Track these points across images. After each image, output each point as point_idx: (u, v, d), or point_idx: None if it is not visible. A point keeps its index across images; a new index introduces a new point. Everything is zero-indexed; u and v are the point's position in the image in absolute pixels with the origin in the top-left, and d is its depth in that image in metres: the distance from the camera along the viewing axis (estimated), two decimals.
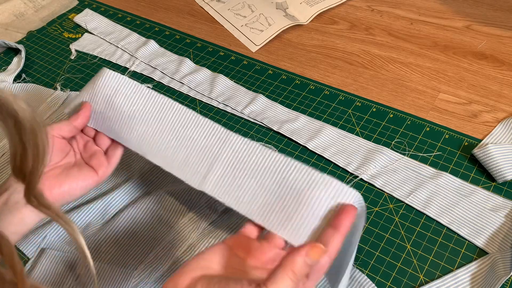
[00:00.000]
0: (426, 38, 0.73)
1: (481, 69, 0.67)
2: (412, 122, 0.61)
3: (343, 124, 0.62)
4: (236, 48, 0.78)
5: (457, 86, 0.65)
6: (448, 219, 0.50)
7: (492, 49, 0.69)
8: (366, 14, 0.80)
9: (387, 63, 0.70)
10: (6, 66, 0.80)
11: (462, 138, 0.58)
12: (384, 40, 0.74)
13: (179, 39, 0.81)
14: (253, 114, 0.65)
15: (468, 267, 0.47)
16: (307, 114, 0.64)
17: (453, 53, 0.70)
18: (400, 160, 0.56)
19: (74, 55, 0.80)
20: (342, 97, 0.66)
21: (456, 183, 0.53)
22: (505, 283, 0.44)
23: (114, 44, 0.80)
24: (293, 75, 0.70)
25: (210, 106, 0.68)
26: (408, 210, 0.52)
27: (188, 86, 0.71)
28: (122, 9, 0.90)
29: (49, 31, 0.87)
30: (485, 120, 0.60)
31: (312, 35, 0.78)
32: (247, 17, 0.82)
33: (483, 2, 0.78)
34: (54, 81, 0.76)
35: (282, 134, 0.62)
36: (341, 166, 0.57)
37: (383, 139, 0.60)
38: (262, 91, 0.68)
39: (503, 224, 0.49)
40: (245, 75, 0.72)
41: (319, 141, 0.60)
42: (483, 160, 0.54)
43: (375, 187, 0.54)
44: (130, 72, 0.75)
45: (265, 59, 0.74)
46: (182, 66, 0.74)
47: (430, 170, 0.55)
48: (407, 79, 0.67)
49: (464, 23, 0.75)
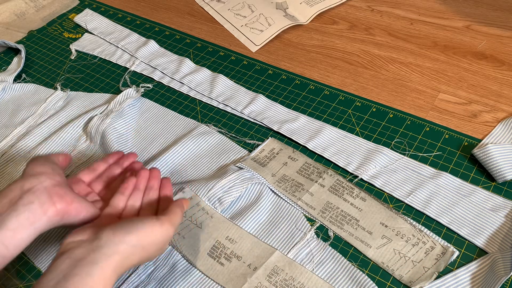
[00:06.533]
0: (426, 38, 0.73)
1: (481, 69, 0.67)
2: (412, 122, 0.61)
3: (343, 124, 0.62)
4: (236, 48, 0.78)
5: (457, 86, 0.65)
6: (448, 219, 0.50)
7: (492, 49, 0.70)
8: (366, 14, 0.80)
9: (387, 63, 0.70)
10: (6, 66, 0.80)
11: (462, 138, 0.58)
12: (384, 40, 0.74)
13: (179, 39, 0.81)
14: (253, 114, 0.65)
15: (468, 267, 0.47)
16: (307, 114, 0.64)
17: (453, 53, 0.70)
18: (400, 160, 0.56)
19: (74, 55, 0.80)
20: (342, 97, 0.66)
21: (456, 183, 0.53)
22: (505, 283, 0.44)
23: (114, 44, 0.80)
24: (293, 75, 0.71)
25: (210, 106, 0.68)
26: (408, 210, 0.52)
27: (188, 86, 0.71)
28: (122, 9, 0.90)
29: (49, 31, 0.87)
30: (485, 120, 0.60)
31: (312, 35, 0.78)
32: (247, 17, 0.82)
33: (483, 2, 0.78)
34: (54, 81, 0.76)
35: (282, 134, 0.62)
36: (341, 166, 0.57)
37: (383, 139, 0.60)
38: (262, 91, 0.68)
39: (503, 224, 0.49)
40: (245, 75, 0.72)
41: (319, 141, 0.60)
42: (483, 160, 0.54)
43: (375, 187, 0.54)
44: (130, 72, 0.75)
45: (265, 59, 0.74)
46: (182, 66, 0.74)
47: (430, 170, 0.55)
48: (407, 79, 0.68)
49: (464, 23, 0.75)
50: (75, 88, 0.74)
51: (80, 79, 0.76)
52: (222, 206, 0.54)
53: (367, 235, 0.50)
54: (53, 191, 0.43)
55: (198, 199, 0.54)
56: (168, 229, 0.42)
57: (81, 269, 0.37)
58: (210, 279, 0.48)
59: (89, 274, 0.37)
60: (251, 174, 0.56)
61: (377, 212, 0.52)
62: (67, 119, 0.68)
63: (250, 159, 0.59)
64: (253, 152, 0.60)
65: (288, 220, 0.53)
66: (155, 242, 0.41)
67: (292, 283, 0.47)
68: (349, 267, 0.48)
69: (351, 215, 0.52)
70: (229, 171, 0.56)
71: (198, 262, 0.50)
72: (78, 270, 0.37)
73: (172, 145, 0.61)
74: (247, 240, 0.51)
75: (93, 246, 0.39)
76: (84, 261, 0.37)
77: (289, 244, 0.50)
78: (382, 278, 0.47)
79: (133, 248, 0.40)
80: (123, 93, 0.69)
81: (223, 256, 0.50)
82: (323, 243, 0.50)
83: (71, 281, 0.36)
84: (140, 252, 0.40)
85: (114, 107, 0.67)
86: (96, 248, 0.38)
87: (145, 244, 0.41)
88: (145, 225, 0.41)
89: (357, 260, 0.49)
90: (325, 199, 0.54)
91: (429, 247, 0.48)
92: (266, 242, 0.50)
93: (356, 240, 0.50)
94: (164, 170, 0.59)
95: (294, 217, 0.53)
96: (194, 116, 0.67)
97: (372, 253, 0.49)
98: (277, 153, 0.59)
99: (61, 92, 0.73)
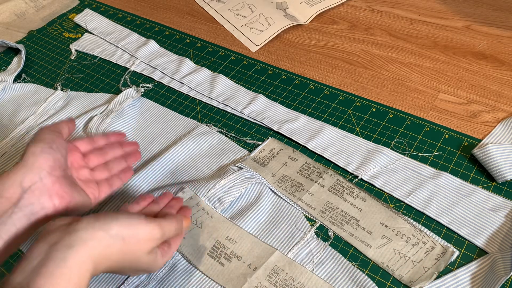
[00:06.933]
0: (426, 38, 0.73)
1: (481, 69, 0.67)
2: (412, 122, 0.61)
3: (343, 124, 0.62)
4: (236, 48, 0.78)
5: (457, 86, 0.65)
6: (448, 219, 0.50)
7: (492, 49, 0.70)
8: (366, 14, 0.80)
9: (387, 63, 0.70)
10: (6, 66, 0.80)
11: (462, 138, 0.58)
12: (384, 40, 0.74)
13: (179, 39, 0.81)
14: (253, 114, 0.65)
15: (468, 267, 0.47)
16: (307, 114, 0.64)
17: (453, 53, 0.70)
18: (400, 160, 0.56)
19: (74, 55, 0.80)
20: (342, 97, 0.66)
21: (456, 183, 0.53)
22: (505, 283, 0.44)
23: (114, 44, 0.80)
24: (293, 75, 0.71)
25: (210, 106, 0.68)
26: (408, 210, 0.52)
27: (188, 86, 0.71)
28: (122, 9, 0.90)
29: (49, 31, 0.87)
30: (485, 120, 0.60)
31: (312, 35, 0.78)
32: (247, 17, 0.82)
33: (483, 2, 0.78)
34: (54, 81, 0.76)
35: (282, 134, 0.62)
36: (341, 166, 0.57)
37: (383, 139, 0.60)
38: (262, 91, 0.68)
39: (503, 224, 0.49)
40: (245, 75, 0.72)
41: (319, 141, 0.60)
42: (483, 160, 0.54)
43: (375, 187, 0.54)
44: (130, 72, 0.75)
45: (265, 59, 0.74)
46: (182, 66, 0.74)
47: (430, 170, 0.55)
48: (407, 79, 0.68)
49: (464, 23, 0.75)
50: (75, 88, 0.74)
51: (80, 79, 0.76)
52: (222, 206, 0.54)
53: (367, 235, 0.50)
54: (53, 190, 0.43)
55: (198, 199, 0.54)
56: (154, 229, 0.40)
57: (55, 253, 0.35)
58: (210, 279, 0.48)
59: (63, 259, 0.34)
60: (251, 174, 0.56)
61: (377, 212, 0.52)
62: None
63: (250, 159, 0.59)
64: (253, 152, 0.60)
65: (288, 220, 0.53)
66: (136, 237, 0.39)
67: (292, 283, 0.47)
68: (349, 267, 0.48)
69: (351, 215, 0.52)
70: (229, 171, 0.56)
71: (198, 262, 0.50)
72: (53, 254, 0.35)
73: (172, 145, 0.61)
74: (247, 240, 0.51)
75: (70, 229, 0.37)
76: (59, 245, 0.35)
77: (289, 244, 0.50)
78: (382, 278, 0.47)
79: (112, 238, 0.37)
80: (123, 93, 0.69)
81: (223, 256, 0.50)
82: (323, 243, 0.50)
83: (45, 268, 0.34)
84: (120, 245, 0.38)
85: (114, 107, 0.67)
86: (73, 231, 0.36)
87: (126, 236, 0.38)
88: (130, 218, 0.39)
89: (357, 260, 0.49)
90: (325, 199, 0.54)
91: (429, 247, 0.48)
92: (266, 242, 0.50)
93: (356, 240, 0.50)
94: (164, 170, 0.59)
95: (294, 217, 0.53)
96: (194, 116, 0.67)
97: (372, 253, 0.49)
98: (277, 153, 0.59)
99: (61, 92, 0.73)
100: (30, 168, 0.42)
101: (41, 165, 0.42)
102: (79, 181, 0.47)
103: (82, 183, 0.48)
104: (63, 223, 0.38)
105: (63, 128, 0.48)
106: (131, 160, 0.54)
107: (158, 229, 0.41)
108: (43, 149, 0.43)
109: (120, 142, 0.54)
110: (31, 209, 0.41)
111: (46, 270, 0.34)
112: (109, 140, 0.53)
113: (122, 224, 0.38)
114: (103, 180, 0.50)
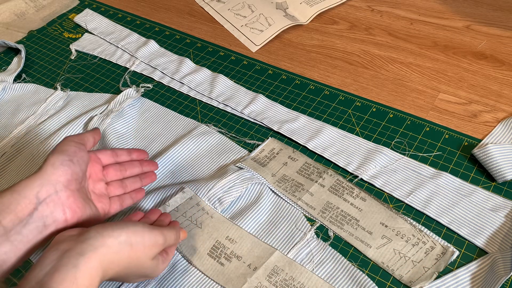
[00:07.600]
0: (426, 38, 0.73)
1: (481, 69, 0.67)
2: (412, 122, 0.61)
3: (343, 124, 0.62)
4: (236, 48, 0.78)
5: (457, 86, 0.65)
6: (448, 219, 0.50)
7: (492, 49, 0.70)
8: (366, 14, 0.80)
9: (387, 63, 0.70)
10: (6, 66, 0.80)
11: (462, 138, 0.58)
12: (384, 40, 0.74)
13: (179, 39, 0.81)
14: (253, 114, 0.65)
15: (468, 267, 0.47)
16: (307, 114, 0.64)
17: (453, 53, 0.70)
18: (400, 160, 0.56)
19: (74, 55, 0.80)
20: (342, 97, 0.66)
21: (456, 183, 0.53)
22: (505, 283, 0.44)
23: (114, 44, 0.80)
24: (293, 75, 0.71)
25: (210, 106, 0.68)
26: (408, 210, 0.52)
27: (188, 86, 0.71)
28: (122, 9, 0.90)
29: (49, 31, 0.87)
30: (485, 120, 0.60)
31: (312, 35, 0.78)
32: (247, 17, 0.82)
33: (483, 2, 0.78)
34: (54, 81, 0.76)
35: (282, 134, 0.62)
36: (341, 166, 0.57)
37: (383, 139, 0.60)
38: (262, 91, 0.68)
39: (503, 224, 0.49)
40: (245, 75, 0.72)
41: (319, 141, 0.60)
42: (483, 160, 0.54)
43: (375, 187, 0.54)
44: (130, 72, 0.75)
45: (265, 59, 0.74)
46: (182, 66, 0.74)
47: (430, 170, 0.55)
48: (407, 79, 0.68)
49: (464, 23, 0.75)
50: (75, 88, 0.74)
51: (80, 79, 0.76)
52: (222, 206, 0.54)
53: (367, 235, 0.50)
54: (67, 204, 0.43)
55: (198, 199, 0.54)
56: (157, 236, 0.42)
57: (67, 260, 0.36)
58: (210, 279, 0.48)
59: (75, 265, 0.36)
60: (251, 174, 0.56)
61: (377, 212, 0.52)
62: (67, 119, 0.68)
63: (250, 159, 0.59)
64: (253, 152, 0.60)
65: (288, 220, 0.53)
66: (143, 243, 0.41)
67: (292, 283, 0.47)
68: (349, 267, 0.48)
69: (351, 215, 0.52)
70: (229, 171, 0.56)
71: (198, 262, 0.50)
72: (65, 261, 0.36)
73: (172, 145, 0.61)
74: (247, 240, 0.51)
75: (81, 238, 0.38)
76: (71, 252, 0.37)
77: (289, 244, 0.50)
78: (382, 278, 0.47)
79: (121, 244, 0.39)
80: (123, 93, 0.69)
81: (223, 256, 0.50)
82: (323, 243, 0.50)
83: (57, 273, 0.36)
84: (128, 251, 0.40)
85: (114, 107, 0.67)
86: (84, 240, 0.38)
87: (133, 242, 0.40)
88: (136, 226, 0.42)
89: (357, 260, 0.49)
90: (325, 199, 0.54)
91: (429, 247, 0.48)
92: (266, 242, 0.51)
93: (356, 240, 0.50)
94: (164, 170, 0.59)
95: (294, 217, 0.53)
96: (194, 116, 0.67)
97: (372, 253, 0.49)
98: (277, 153, 0.59)
99: (61, 92, 0.73)
100: (47, 180, 0.42)
101: (58, 178, 0.43)
102: (93, 194, 0.48)
103: (96, 197, 0.48)
104: (73, 234, 0.40)
105: (88, 140, 0.48)
106: (146, 181, 0.54)
107: (161, 236, 0.43)
108: (63, 162, 0.44)
109: (140, 161, 0.54)
110: (44, 222, 0.42)
111: (58, 275, 0.35)
112: (131, 156, 0.54)
113: (130, 231, 0.41)
114: (115, 197, 0.51)
